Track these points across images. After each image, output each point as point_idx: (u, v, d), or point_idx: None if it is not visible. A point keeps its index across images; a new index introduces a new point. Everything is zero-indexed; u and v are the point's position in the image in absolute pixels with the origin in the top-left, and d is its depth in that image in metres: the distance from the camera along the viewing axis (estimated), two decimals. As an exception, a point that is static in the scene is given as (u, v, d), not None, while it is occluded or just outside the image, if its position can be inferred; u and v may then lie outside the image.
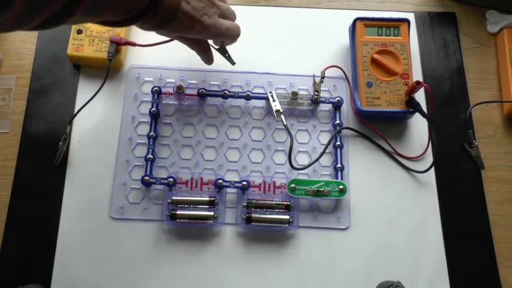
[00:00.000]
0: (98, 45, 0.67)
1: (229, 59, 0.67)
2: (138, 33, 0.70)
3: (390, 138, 0.67)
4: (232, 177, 0.64)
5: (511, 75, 0.69)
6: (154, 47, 0.69)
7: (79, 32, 0.67)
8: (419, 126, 0.68)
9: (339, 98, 0.67)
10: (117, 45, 0.67)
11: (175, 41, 0.66)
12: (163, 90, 0.67)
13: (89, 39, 0.67)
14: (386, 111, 0.66)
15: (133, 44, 0.67)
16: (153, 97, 0.66)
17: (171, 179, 0.62)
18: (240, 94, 0.67)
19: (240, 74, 0.69)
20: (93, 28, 0.68)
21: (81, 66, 0.69)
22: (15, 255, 0.59)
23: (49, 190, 0.62)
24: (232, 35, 0.61)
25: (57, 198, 0.62)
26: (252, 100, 0.67)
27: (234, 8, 0.74)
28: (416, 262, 0.61)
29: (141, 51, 0.69)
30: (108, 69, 0.66)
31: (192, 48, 0.63)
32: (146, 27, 0.54)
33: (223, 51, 0.66)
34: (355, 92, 0.67)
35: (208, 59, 0.65)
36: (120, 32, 0.68)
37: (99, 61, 0.67)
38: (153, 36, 0.69)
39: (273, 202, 0.61)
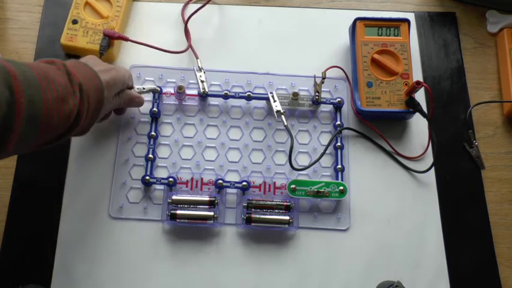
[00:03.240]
0: (92, 37, 0.67)
1: None
2: (132, 29, 0.71)
3: (390, 139, 0.67)
4: (232, 177, 0.64)
5: (511, 75, 0.70)
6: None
7: (74, 22, 0.68)
8: (419, 126, 0.68)
9: (339, 99, 0.67)
10: (110, 39, 0.66)
11: (176, 42, 0.66)
12: (164, 90, 0.67)
13: (83, 30, 0.67)
14: (387, 111, 0.66)
15: (126, 39, 0.67)
16: (153, 97, 0.66)
17: (172, 179, 0.62)
18: (240, 94, 0.67)
19: (240, 74, 0.69)
20: (88, 19, 0.68)
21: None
22: (15, 255, 0.59)
23: (49, 190, 0.62)
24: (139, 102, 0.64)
25: (57, 198, 0.62)
26: (253, 100, 0.67)
27: (234, 8, 0.75)
28: (416, 262, 0.61)
29: (135, 48, 0.69)
30: None
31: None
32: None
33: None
34: (356, 92, 0.67)
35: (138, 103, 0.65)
36: (114, 25, 0.68)
37: (91, 53, 0.65)
38: (148, 35, 0.70)
39: (273, 203, 0.61)
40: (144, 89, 0.65)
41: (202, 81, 0.66)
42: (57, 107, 0.47)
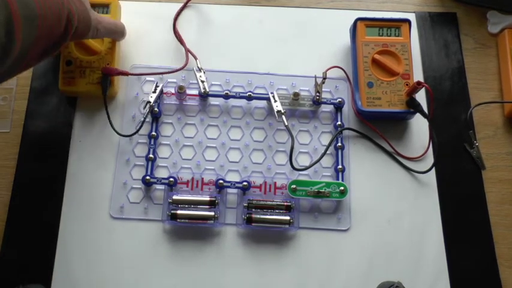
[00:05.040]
0: (90, 76, 0.64)
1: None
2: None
3: (391, 139, 0.67)
4: (233, 177, 0.64)
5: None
6: (155, 46, 0.70)
7: (68, 63, 0.64)
8: (420, 127, 0.68)
9: (340, 99, 0.67)
10: (110, 76, 0.64)
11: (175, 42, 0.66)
12: (165, 90, 0.67)
13: (79, 70, 0.64)
14: (387, 112, 0.66)
15: (126, 74, 0.65)
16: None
17: (172, 179, 0.62)
18: (241, 94, 0.67)
19: (241, 74, 0.69)
20: (82, 58, 0.64)
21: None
22: (16, 255, 0.59)
23: (49, 190, 0.62)
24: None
25: (57, 198, 0.62)
26: (254, 101, 0.67)
27: (234, 8, 0.75)
28: (416, 262, 0.61)
29: (134, 48, 0.69)
30: (105, 102, 0.63)
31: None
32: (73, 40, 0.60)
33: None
34: (356, 92, 0.67)
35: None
36: (110, 60, 0.65)
37: (93, 94, 0.64)
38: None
39: (274, 203, 0.61)
40: (154, 92, 0.65)
41: (202, 81, 0.66)
42: (48, 3, 0.48)
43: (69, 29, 0.52)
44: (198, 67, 0.67)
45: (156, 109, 0.65)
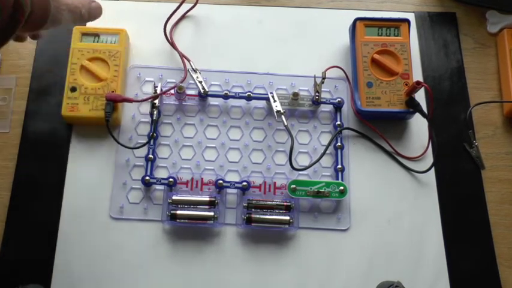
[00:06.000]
0: (94, 103, 0.63)
1: None
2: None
3: (390, 139, 0.67)
4: (232, 177, 0.64)
5: (511, 76, 0.70)
6: (155, 46, 0.70)
7: (73, 89, 0.64)
8: (419, 127, 0.68)
9: (339, 99, 0.67)
10: (114, 103, 0.63)
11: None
12: (164, 90, 0.67)
13: (83, 97, 0.63)
14: (387, 111, 0.66)
15: (131, 101, 0.64)
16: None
17: (172, 179, 0.62)
18: (240, 94, 0.67)
19: (240, 74, 0.69)
20: (87, 85, 0.64)
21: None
22: (15, 255, 0.59)
23: (49, 190, 0.62)
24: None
25: (57, 198, 0.62)
26: (253, 101, 0.67)
27: (234, 8, 0.75)
28: (416, 262, 0.61)
29: (134, 48, 0.69)
30: (109, 129, 0.62)
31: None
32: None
33: None
34: (356, 92, 0.67)
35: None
36: (115, 87, 0.64)
37: (96, 121, 0.63)
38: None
39: (274, 203, 0.61)
40: (155, 91, 0.65)
41: (200, 82, 0.66)
42: None
43: (20, 15, 0.45)
44: (193, 68, 0.67)
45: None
